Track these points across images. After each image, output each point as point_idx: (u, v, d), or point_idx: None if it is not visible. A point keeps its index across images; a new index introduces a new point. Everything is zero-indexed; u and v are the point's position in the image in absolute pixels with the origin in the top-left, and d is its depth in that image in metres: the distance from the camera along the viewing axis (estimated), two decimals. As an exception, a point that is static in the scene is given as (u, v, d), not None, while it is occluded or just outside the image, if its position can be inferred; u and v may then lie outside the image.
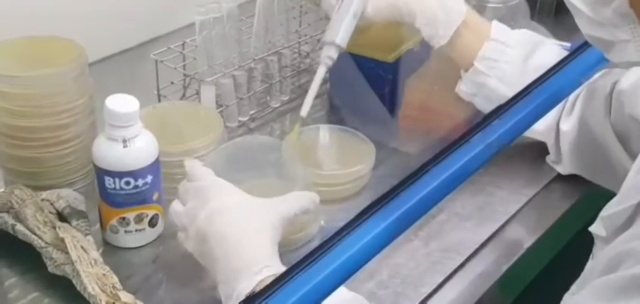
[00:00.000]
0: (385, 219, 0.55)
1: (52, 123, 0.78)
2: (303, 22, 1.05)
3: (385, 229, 0.55)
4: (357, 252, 0.52)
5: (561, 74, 0.73)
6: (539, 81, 0.71)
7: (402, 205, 0.57)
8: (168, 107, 0.90)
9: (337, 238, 0.53)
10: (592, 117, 0.82)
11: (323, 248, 0.52)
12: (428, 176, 0.59)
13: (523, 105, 0.69)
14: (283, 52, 0.97)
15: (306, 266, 0.50)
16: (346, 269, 0.52)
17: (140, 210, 0.75)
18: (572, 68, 0.75)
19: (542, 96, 0.70)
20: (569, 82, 0.73)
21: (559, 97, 0.72)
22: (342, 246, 0.52)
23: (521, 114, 0.68)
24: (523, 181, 0.88)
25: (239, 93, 0.94)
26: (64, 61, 0.79)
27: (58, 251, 0.71)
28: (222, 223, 0.64)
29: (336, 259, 0.51)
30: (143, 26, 1.10)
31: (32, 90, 0.77)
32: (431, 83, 0.92)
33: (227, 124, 0.92)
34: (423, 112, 0.92)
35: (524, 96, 0.69)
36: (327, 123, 0.93)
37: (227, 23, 0.91)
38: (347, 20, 0.84)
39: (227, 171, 0.72)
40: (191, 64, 0.94)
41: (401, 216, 0.56)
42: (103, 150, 0.73)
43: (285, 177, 0.80)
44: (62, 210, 0.75)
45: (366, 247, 0.53)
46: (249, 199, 0.68)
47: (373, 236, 0.54)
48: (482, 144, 0.63)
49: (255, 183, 0.77)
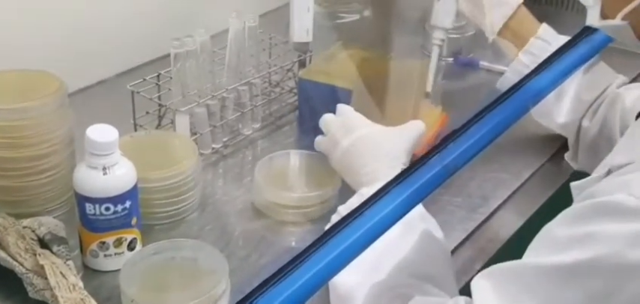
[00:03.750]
0: (348, 238, 0.60)
1: (34, 153, 0.81)
2: (273, 53, 1.10)
3: (348, 247, 0.60)
4: (321, 270, 0.57)
5: (512, 100, 0.79)
6: (491, 106, 0.76)
7: (366, 223, 0.61)
8: (144, 136, 0.93)
9: (304, 256, 0.57)
10: (612, 118, 0.90)
11: (288, 267, 0.56)
12: (390, 195, 0.64)
13: (477, 129, 0.74)
14: (254, 82, 1.02)
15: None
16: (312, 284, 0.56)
17: (119, 235, 0.78)
18: (522, 94, 0.81)
19: (494, 121, 0.76)
20: (517, 108, 0.79)
21: (510, 122, 0.78)
22: (308, 264, 0.57)
23: (476, 137, 0.73)
24: (479, 200, 0.93)
25: (212, 121, 0.98)
26: (45, 93, 0.82)
27: (38, 277, 0.73)
28: (366, 146, 0.81)
29: (302, 276, 0.56)
30: (119, 58, 1.14)
31: (14, 122, 0.80)
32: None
33: (201, 151, 0.96)
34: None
35: (479, 120, 0.75)
36: (296, 149, 0.97)
37: (201, 55, 0.95)
38: (448, 5, 0.98)
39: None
40: (166, 94, 0.98)
41: (364, 234, 0.61)
42: (83, 177, 0.76)
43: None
44: (43, 236, 0.78)
45: (330, 264, 0.58)
46: (384, 129, 0.84)
47: (339, 253, 0.59)
48: (440, 165, 0.69)
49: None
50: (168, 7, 1.17)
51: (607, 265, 0.52)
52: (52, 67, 0.86)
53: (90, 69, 1.11)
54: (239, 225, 0.88)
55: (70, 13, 1.06)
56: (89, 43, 1.08)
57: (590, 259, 0.52)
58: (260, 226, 0.88)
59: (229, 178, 0.96)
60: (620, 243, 0.51)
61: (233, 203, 0.91)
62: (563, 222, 0.57)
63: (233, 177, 0.96)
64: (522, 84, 0.81)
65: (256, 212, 0.89)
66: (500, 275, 0.57)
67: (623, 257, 0.51)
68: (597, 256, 0.52)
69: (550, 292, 0.54)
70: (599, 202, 0.54)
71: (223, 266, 0.74)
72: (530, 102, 0.83)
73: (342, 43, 1.10)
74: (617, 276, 0.52)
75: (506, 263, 0.58)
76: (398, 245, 0.68)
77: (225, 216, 0.89)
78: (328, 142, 0.86)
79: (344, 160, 0.83)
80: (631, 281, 0.51)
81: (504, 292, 0.56)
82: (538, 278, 0.55)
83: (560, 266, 0.54)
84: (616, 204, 0.52)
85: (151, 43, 1.14)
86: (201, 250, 0.77)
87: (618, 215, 0.52)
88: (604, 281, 0.52)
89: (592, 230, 0.53)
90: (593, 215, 0.54)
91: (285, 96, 1.09)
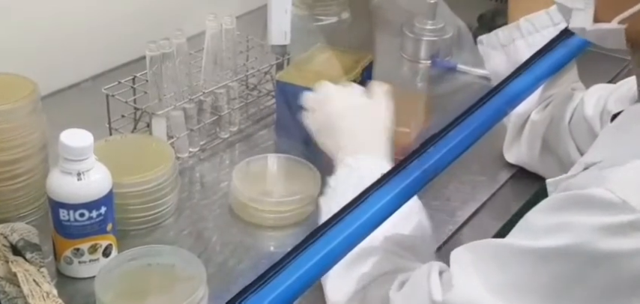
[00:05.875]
0: (330, 242, 0.60)
1: (6, 157, 0.80)
2: (250, 55, 1.09)
3: (331, 251, 0.59)
4: (306, 273, 0.57)
5: (491, 104, 0.80)
6: (469, 111, 0.77)
7: (346, 228, 0.61)
8: (119, 140, 0.92)
9: (288, 259, 0.57)
10: (560, 115, 0.91)
11: (274, 270, 0.56)
12: (370, 200, 0.64)
13: (456, 133, 0.75)
14: (232, 85, 1.01)
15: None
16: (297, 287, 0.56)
17: (94, 241, 0.77)
18: (501, 97, 0.82)
19: (474, 125, 0.77)
20: (496, 113, 0.80)
21: (487, 127, 0.79)
22: (292, 267, 0.56)
23: (454, 142, 0.74)
24: (459, 204, 0.93)
25: (189, 125, 0.97)
26: (18, 97, 0.81)
27: (11, 285, 0.72)
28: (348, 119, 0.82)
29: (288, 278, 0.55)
30: (94, 60, 1.12)
31: (-14, 126, 0.78)
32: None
33: (178, 155, 0.95)
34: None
35: (459, 124, 0.75)
36: (274, 152, 0.96)
37: (177, 57, 0.94)
38: None
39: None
40: (142, 98, 0.97)
41: (345, 239, 0.61)
42: (57, 183, 0.75)
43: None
44: (16, 243, 0.76)
45: (314, 268, 0.58)
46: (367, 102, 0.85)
47: (321, 257, 0.58)
48: (419, 170, 0.69)
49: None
50: (145, 9, 1.16)
51: (578, 252, 0.54)
52: (24, 69, 0.84)
53: (64, 71, 1.09)
54: (217, 230, 0.87)
55: (43, 14, 1.05)
56: (63, 45, 1.07)
57: (562, 246, 0.55)
58: (238, 231, 0.87)
59: (206, 182, 0.95)
60: (591, 234, 0.54)
61: (210, 207, 0.90)
62: (541, 210, 0.59)
63: (210, 181, 0.95)
64: (501, 88, 0.82)
65: (234, 216, 0.89)
66: (481, 249, 0.61)
67: (594, 247, 0.54)
68: (569, 244, 0.55)
69: (520, 272, 0.57)
70: (574, 194, 0.56)
71: (201, 272, 0.73)
72: (508, 106, 0.84)
73: (321, 46, 1.09)
74: (588, 264, 0.54)
75: (488, 240, 0.62)
76: (393, 221, 0.70)
77: (203, 221, 0.88)
78: (315, 100, 0.86)
79: (328, 122, 0.83)
80: (599, 268, 0.54)
81: (481, 265, 0.59)
82: (512, 258, 0.58)
83: (533, 250, 0.57)
84: (590, 197, 0.55)
85: (126, 45, 1.12)
86: (179, 256, 0.76)
87: (592, 207, 0.54)
88: (574, 267, 0.55)
89: (566, 221, 0.55)
90: (568, 206, 0.56)
91: (263, 99, 1.08)
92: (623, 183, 0.54)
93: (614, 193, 0.54)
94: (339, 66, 1.00)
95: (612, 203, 0.54)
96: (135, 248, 0.77)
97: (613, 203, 0.53)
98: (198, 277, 0.73)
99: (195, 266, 0.74)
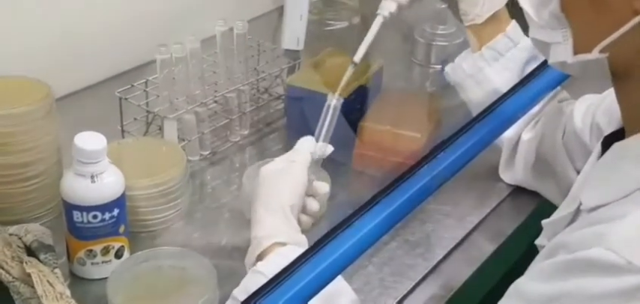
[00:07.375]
0: (341, 246, 0.60)
1: (20, 160, 0.81)
2: (261, 59, 1.10)
3: (342, 255, 0.60)
4: (317, 276, 0.57)
5: (502, 109, 0.80)
6: (479, 117, 0.77)
7: (357, 233, 0.62)
8: (132, 143, 0.93)
9: (298, 264, 0.57)
10: (551, 132, 0.89)
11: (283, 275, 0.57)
12: (379, 206, 0.64)
13: (467, 139, 0.75)
14: (243, 89, 1.02)
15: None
16: (309, 289, 0.57)
17: (107, 243, 0.78)
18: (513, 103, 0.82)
19: (484, 130, 0.77)
20: (507, 118, 0.80)
21: (498, 132, 0.79)
22: (303, 271, 0.57)
23: (464, 148, 0.74)
24: (468, 209, 0.93)
25: (201, 128, 0.97)
26: (32, 100, 0.81)
27: (25, 285, 0.73)
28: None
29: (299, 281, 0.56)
30: (107, 63, 1.13)
31: (0, 128, 0.79)
32: (384, 124, 0.97)
33: (189, 158, 0.96)
34: (377, 152, 0.96)
35: (465, 132, 0.75)
36: (285, 156, 0.97)
37: (190, 61, 0.95)
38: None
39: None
40: (154, 101, 0.97)
41: (355, 243, 0.61)
42: (71, 185, 0.76)
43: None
44: (30, 244, 0.77)
45: (325, 271, 0.58)
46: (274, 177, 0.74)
47: (331, 262, 0.59)
48: (429, 176, 0.69)
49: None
50: (158, 13, 1.17)
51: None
52: (39, 72, 0.85)
53: (77, 74, 1.10)
54: (227, 233, 0.87)
55: (57, 18, 1.06)
56: (77, 48, 1.08)
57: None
58: (248, 234, 0.87)
59: (217, 185, 0.96)
60: (598, 301, 0.50)
61: (221, 210, 0.91)
62: (537, 278, 0.54)
63: (221, 184, 0.96)
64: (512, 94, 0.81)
65: (245, 220, 0.89)
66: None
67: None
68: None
69: None
70: (574, 259, 0.52)
71: (212, 275, 0.74)
72: (519, 111, 0.83)
73: (331, 50, 1.10)
74: None
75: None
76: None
77: (214, 224, 0.89)
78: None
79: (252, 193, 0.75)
80: None
81: None
82: None
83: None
84: (591, 260, 0.50)
85: (139, 47, 1.13)
86: (189, 258, 0.77)
87: (594, 270, 0.50)
88: None
89: (567, 290, 0.51)
90: (567, 272, 0.52)
91: (274, 102, 1.09)
92: (626, 240, 0.50)
93: (618, 253, 0.49)
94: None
95: (616, 265, 0.49)
96: (146, 250, 0.77)
97: (616, 265, 0.49)
98: (209, 280, 0.74)
99: (206, 268, 0.75)
